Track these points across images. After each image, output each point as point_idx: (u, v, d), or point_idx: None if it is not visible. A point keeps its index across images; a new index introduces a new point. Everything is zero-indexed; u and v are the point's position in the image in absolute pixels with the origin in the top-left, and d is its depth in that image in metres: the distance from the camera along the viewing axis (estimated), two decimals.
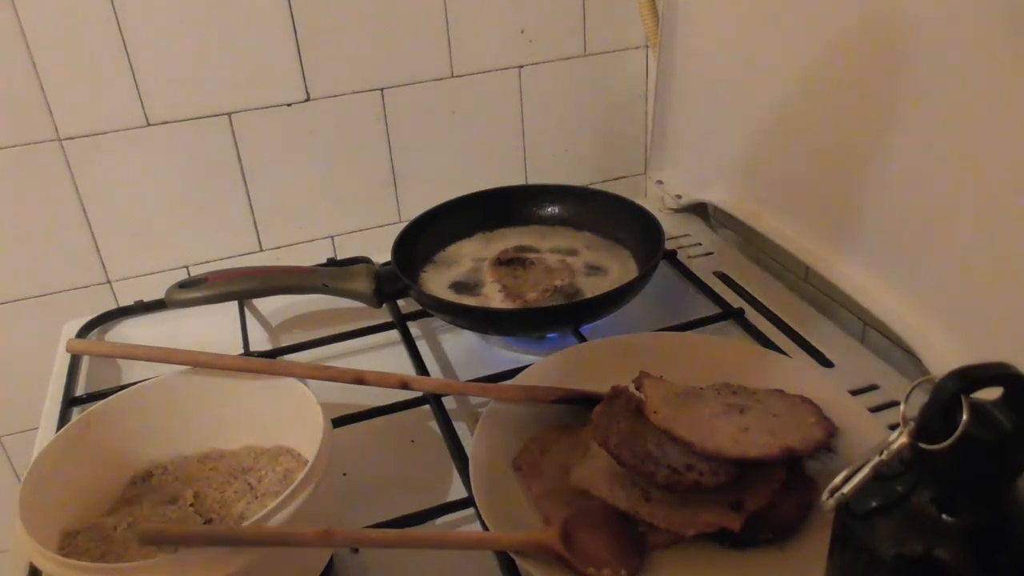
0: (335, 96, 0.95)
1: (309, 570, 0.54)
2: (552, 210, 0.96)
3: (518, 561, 0.53)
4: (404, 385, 0.65)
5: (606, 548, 0.52)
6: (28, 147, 0.86)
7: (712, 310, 0.83)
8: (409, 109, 0.98)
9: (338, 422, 0.66)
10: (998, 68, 0.57)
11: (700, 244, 0.98)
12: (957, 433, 0.33)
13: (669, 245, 0.94)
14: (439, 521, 0.60)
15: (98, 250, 0.94)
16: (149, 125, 0.89)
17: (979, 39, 0.58)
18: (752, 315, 0.82)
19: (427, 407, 0.71)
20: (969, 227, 0.62)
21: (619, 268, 0.86)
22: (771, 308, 0.83)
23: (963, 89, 0.60)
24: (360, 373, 0.64)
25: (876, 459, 0.36)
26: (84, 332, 0.88)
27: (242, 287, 0.82)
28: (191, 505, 0.57)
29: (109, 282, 0.96)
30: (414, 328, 0.83)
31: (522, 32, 0.99)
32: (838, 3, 0.71)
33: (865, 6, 0.68)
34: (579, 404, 0.65)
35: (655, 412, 0.59)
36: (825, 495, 0.37)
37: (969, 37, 0.59)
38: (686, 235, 1.00)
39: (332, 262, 0.96)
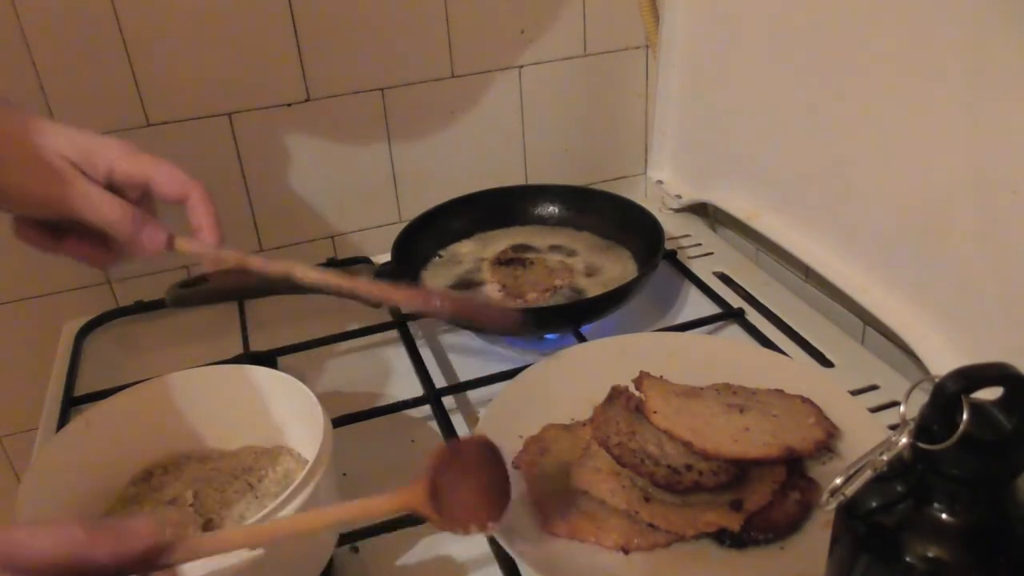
0: (335, 96, 0.95)
1: (309, 570, 0.54)
2: (552, 210, 0.96)
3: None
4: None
5: (474, 494, 0.48)
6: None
7: (712, 310, 0.83)
8: (409, 109, 0.98)
9: (338, 422, 0.66)
10: (998, 68, 0.57)
11: (700, 244, 0.98)
12: (957, 433, 0.33)
13: (669, 245, 0.94)
14: None
15: None
16: (149, 125, 0.89)
17: (979, 38, 0.58)
18: (752, 315, 0.82)
19: (427, 407, 0.71)
20: (969, 227, 0.62)
21: (619, 268, 0.86)
22: (771, 308, 0.83)
23: (963, 89, 0.60)
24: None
25: (876, 459, 0.36)
26: (84, 332, 0.88)
27: (242, 287, 0.82)
28: (191, 505, 0.57)
29: (109, 282, 0.96)
30: (414, 328, 0.83)
31: (522, 32, 0.99)
32: (838, 3, 0.71)
33: (865, 8, 0.68)
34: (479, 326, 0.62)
35: (655, 412, 0.59)
36: (825, 495, 0.36)
37: (969, 37, 0.59)
38: (686, 235, 1.00)
39: (332, 262, 0.96)
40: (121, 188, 0.54)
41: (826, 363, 0.75)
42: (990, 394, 0.34)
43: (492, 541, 0.56)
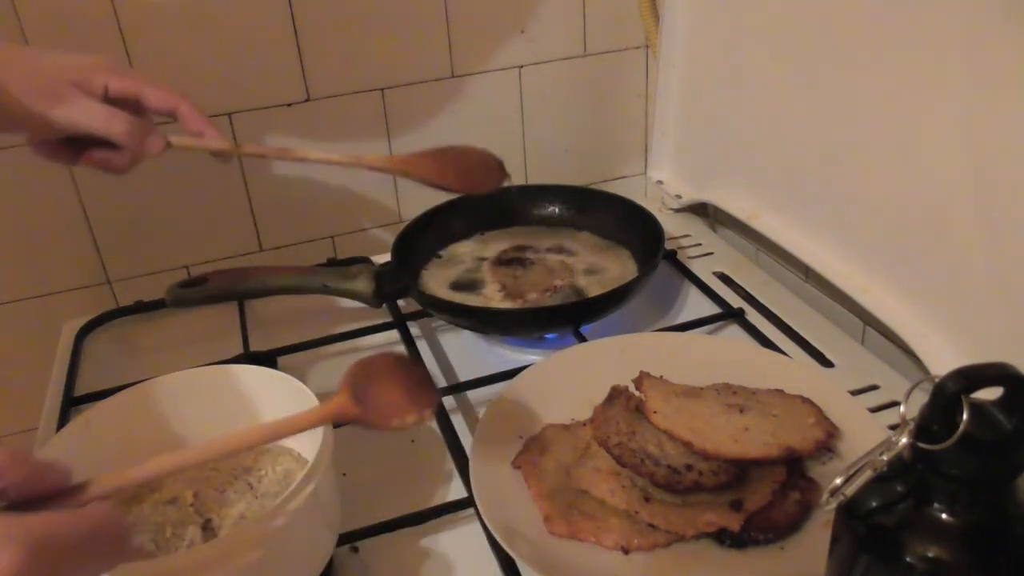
0: (335, 96, 0.95)
1: (309, 570, 0.54)
2: (552, 210, 0.96)
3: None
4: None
5: (400, 394, 0.50)
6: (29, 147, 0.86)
7: (712, 310, 0.83)
8: (409, 109, 0.98)
9: (338, 422, 0.66)
10: (998, 68, 0.57)
11: (700, 244, 0.98)
12: (957, 433, 0.33)
13: (669, 245, 0.94)
14: (439, 521, 0.60)
15: (98, 250, 0.94)
16: None
17: (979, 38, 0.58)
18: (752, 315, 0.82)
19: None
20: (969, 227, 0.62)
21: (619, 268, 0.86)
22: (771, 308, 0.83)
23: (963, 89, 0.60)
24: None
25: (876, 459, 0.36)
26: (84, 332, 0.88)
27: (242, 287, 0.82)
28: (191, 505, 0.57)
29: (109, 282, 0.96)
30: (414, 328, 0.83)
31: (522, 32, 0.99)
32: (838, 3, 0.71)
33: (865, 7, 0.68)
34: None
35: (655, 412, 0.59)
36: (825, 495, 0.37)
37: (969, 36, 0.59)
38: (686, 235, 1.00)
39: (332, 262, 0.96)
40: (115, 102, 0.60)
41: (826, 363, 0.75)
42: (990, 394, 0.34)
43: (492, 542, 0.56)
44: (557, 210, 0.96)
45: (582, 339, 0.76)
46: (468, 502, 0.60)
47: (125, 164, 0.63)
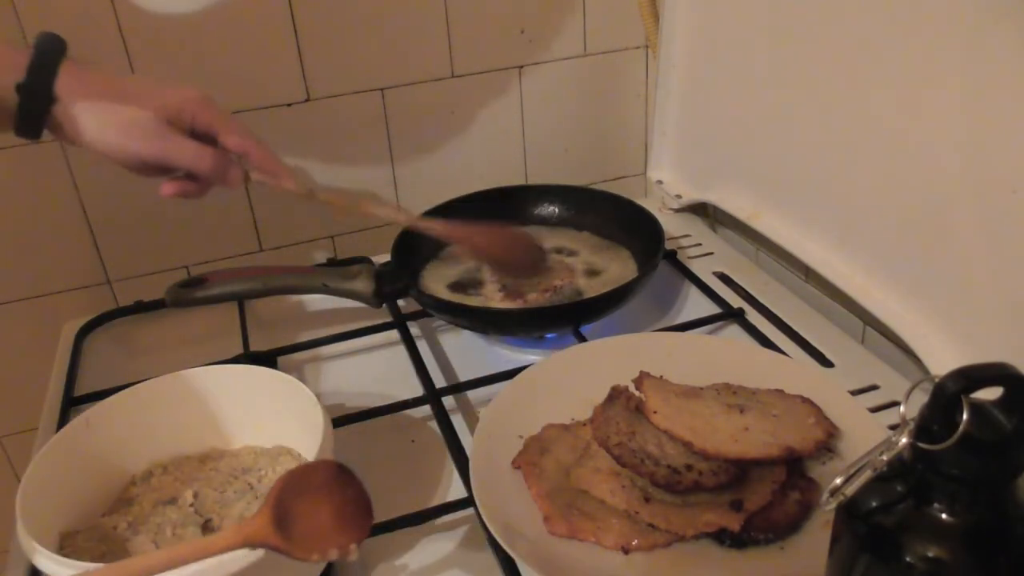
0: (335, 96, 0.95)
1: (309, 570, 0.54)
2: (552, 210, 0.96)
3: None
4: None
5: (330, 519, 0.45)
6: (29, 147, 0.86)
7: (712, 310, 0.83)
8: (409, 109, 0.98)
9: (338, 422, 0.66)
10: (998, 68, 0.57)
11: (700, 244, 0.98)
12: (957, 433, 0.33)
13: (669, 245, 0.94)
14: (439, 521, 0.60)
15: (98, 250, 0.94)
16: None
17: (978, 39, 0.58)
18: (752, 315, 0.82)
19: (427, 407, 0.71)
20: (969, 227, 0.62)
21: (619, 268, 0.86)
22: (771, 308, 0.83)
23: (963, 89, 0.60)
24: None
25: (876, 459, 0.36)
26: (84, 332, 0.88)
27: (242, 287, 0.82)
28: (191, 505, 0.57)
29: (109, 282, 0.96)
30: (414, 328, 0.83)
31: (522, 32, 0.99)
32: (838, 3, 0.71)
33: (865, 6, 0.68)
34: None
35: (655, 412, 0.59)
36: (825, 495, 0.37)
37: (968, 37, 0.59)
38: (686, 235, 1.00)
39: (332, 262, 0.96)
40: (197, 136, 0.64)
41: (826, 363, 0.75)
42: (990, 394, 0.34)
43: (492, 542, 0.56)
44: (557, 210, 0.96)
45: (582, 339, 0.76)
46: (468, 502, 0.60)
47: (203, 192, 0.66)
